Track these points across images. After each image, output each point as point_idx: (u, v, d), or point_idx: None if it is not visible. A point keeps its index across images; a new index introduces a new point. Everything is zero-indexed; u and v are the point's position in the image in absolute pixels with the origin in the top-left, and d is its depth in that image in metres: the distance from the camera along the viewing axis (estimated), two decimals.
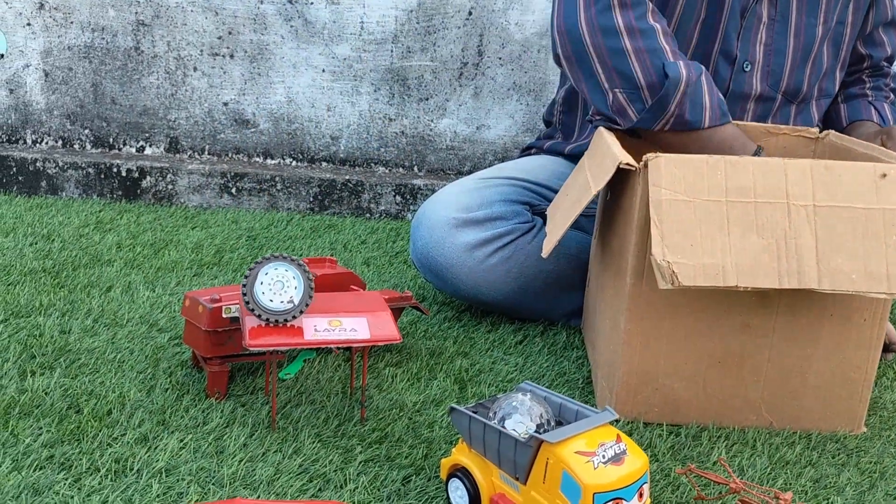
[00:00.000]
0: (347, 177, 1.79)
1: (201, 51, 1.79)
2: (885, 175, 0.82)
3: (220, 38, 1.78)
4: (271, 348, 0.81)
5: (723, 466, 0.78)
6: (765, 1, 1.14)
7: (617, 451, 0.68)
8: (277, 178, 1.78)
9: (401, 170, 1.86)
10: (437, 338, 1.16)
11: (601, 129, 1.05)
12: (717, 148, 1.03)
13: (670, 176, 0.82)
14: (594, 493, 0.65)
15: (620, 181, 0.94)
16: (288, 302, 0.84)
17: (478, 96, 1.82)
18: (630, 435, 0.91)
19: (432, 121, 1.83)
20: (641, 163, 0.84)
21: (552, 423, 0.74)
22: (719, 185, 0.82)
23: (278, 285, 0.84)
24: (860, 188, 0.82)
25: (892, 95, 1.32)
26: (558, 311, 1.23)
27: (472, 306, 1.26)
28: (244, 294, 0.83)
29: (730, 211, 0.81)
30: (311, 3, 1.76)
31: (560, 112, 1.35)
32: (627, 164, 0.85)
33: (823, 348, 0.89)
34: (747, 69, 1.16)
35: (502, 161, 1.80)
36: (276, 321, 0.84)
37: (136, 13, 1.78)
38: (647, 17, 1.05)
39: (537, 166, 1.31)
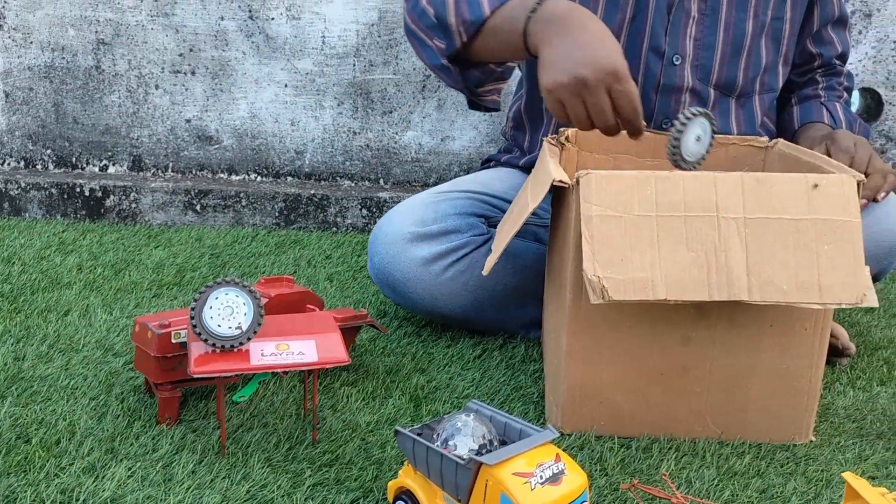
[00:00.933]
0: (313, 191, 1.79)
1: (162, 68, 1.79)
2: (816, 185, 0.83)
3: (181, 55, 1.78)
4: (215, 374, 0.81)
5: (665, 481, 0.79)
6: None
7: (555, 471, 0.68)
8: (242, 194, 1.78)
9: (366, 183, 1.87)
10: (396, 354, 1.16)
11: (544, 144, 1.06)
12: (514, 21, 1.01)
13: (601, 192, 0.83)
14: None
15: (559, 197, 0.94)
16: (236, 328, 0.84)
17: (441, 108, 1.82)
18: (581, 449, 0.92)
19: (397, 133, 1.84)
20: (573, 179, 0.85)
21: (496, 444, 0.75)
22: (649, 199, 0.83)
23: (227, 311, 0.84)
24: (792, 199, 0.83)
25: (845, 95, 1.34)
26: (518, 323, 1.24)
27: (432, 321, 1.27)
28: (192, 319, 0.83)
29: (660, 225, 0.82)
30: (272, 19, 1.76)
31: (511, 128, 1.37)
32: (560, 181, 0.86)
33: (766, 359, 0.90)
34: (677, 62, 1.19)
35: (468, 172, 1.81)
36: (224, 347, 0.84)
37: (97, 32, 1.77)
38: None
39: (494, 179, 1.32)
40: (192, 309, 0.83)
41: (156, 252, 1.56)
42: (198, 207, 1.78)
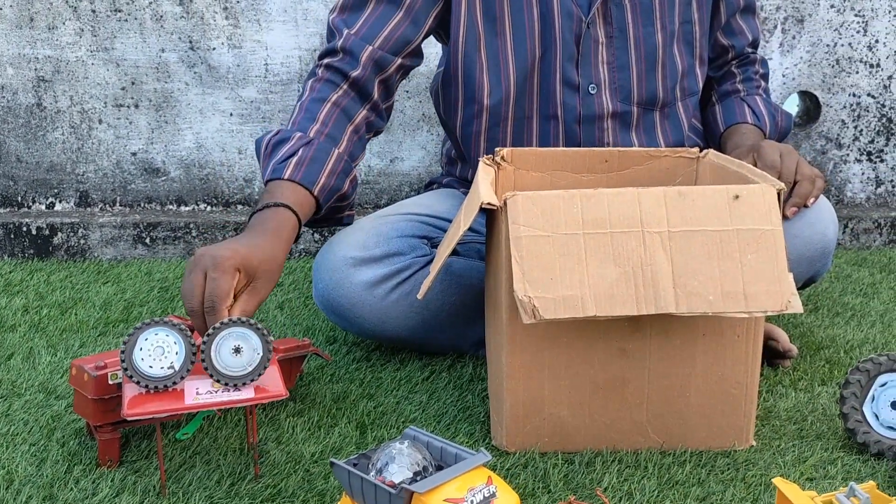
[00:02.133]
0: None
1: (105, 103, 1.78)
2: (737, 196, 0.85)
3: (123, 88, 1.77)
4: (149, 416, 0.81)
5: (599, 496, 0.80)
6: (599, 22, 1.18)
7: (486, 495, 0.69)
8: (192, 225, 1.77)
9: None
10: (344, 381, 1.16)
11: (480, 165, 1.07)
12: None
13: (528, 212, 0.84)
14: None
15: (492, 219, 0.95)
16: (168, 368, 0.84)
17: (388, 130, 1.83)
18: (525, 467, 0.93)
19: None
20: (502, 201, 0.86)
21: (431, 470, 0.75)
22: (576, 218, 0.84)
23: (158, 351, 0.84)
24: (714, 211, 0.85)
25: (762, 83, 1.35)
26: (467, 342, 1.24)
27: (381, 345, 1.27)
28: (122, 361, 0.83)
29: (587, 243, 0.83)
30: (214, 49, 1.76)
31: (445, 164, 1.40)
32: (489, 203, 0.87)
33: (700, 367, 0.92)
34: (593, 91, 1.21)
35: (419, 192, 1.81)
36: (157, 388, 0.83)
37: (36, 69, 1.76)
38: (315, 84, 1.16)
39: (436, 200, 1.33)
40: (122, 351, 0.82)
41: (104, 288, 1.55)
42: (147, 240, 1.76)
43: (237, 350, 0.85)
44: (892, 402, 0.97)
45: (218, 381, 0.84)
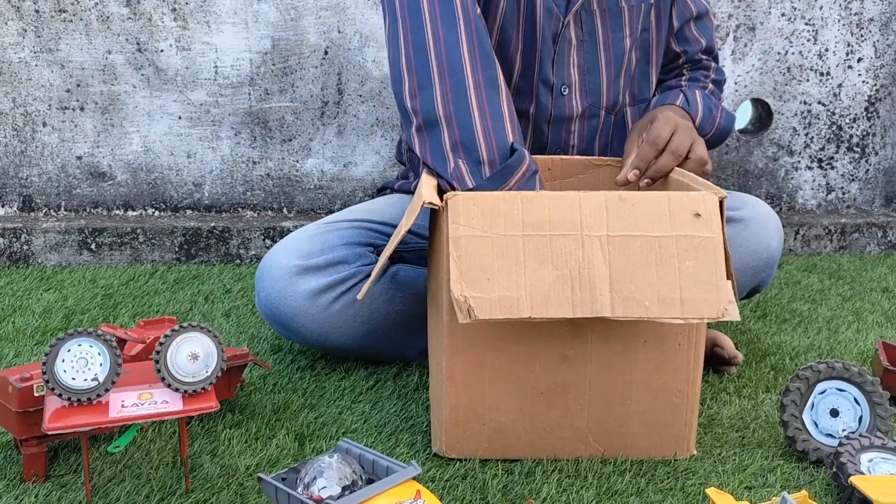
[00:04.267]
0: (213, 223, 1.76)
1: (49, 105, 1.73)
2: (698, 215, 0.84)
3: (68, 90, 1.73)
4: (71, 430, 0.78)
5: None
6: (572, 25, 1.17)
7: None
8: (139, 230, 1.73)
9: (269, 213, 1.84)
10: (286, 390, 1.14)
11: (424, 170, 1.05)
12: None
13: (468, 213, 0.83)
14: None
15: (434, 220, 0.94)
16: (92, 380, 0.81)
17: (342, 134, 1.81)
18: (464, 478, 0.91)
19: (298, 161, 1.82)
20: (443, 201, 0.85)
21: (361, 483, 0.73)
22: (516, 220, 0.83)
23: (81, 362, 0.81)
24: (654, 217, 0.84)
25: (711, 86, 1.33)
26: (413, 351, 1.23)
27: (326, 353, 1.25)
28: (44, 374, 0.80)
29: (526, 244, 0.83)
30: (162, 51, 1.73)
31: (409, 151, 1.36)
32: (430, 202, 0.85)
33: (641, 374, 0.91)
34: (565, 93, 1.20)
35: (373, 197, 1.79)
36: (80, 400, 0.80)
37: None
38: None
39: (386, 206, 1.31)
40: (44, 363, 0.79)
41: (45, 295, 1.51)
42: (93, 246, 1.72)
43: (194, 356, 0.83)
44: (831, 410, 0.97)
45: (170, 387, 0.82)
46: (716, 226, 0.86)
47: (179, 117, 1.76)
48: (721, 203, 0.88)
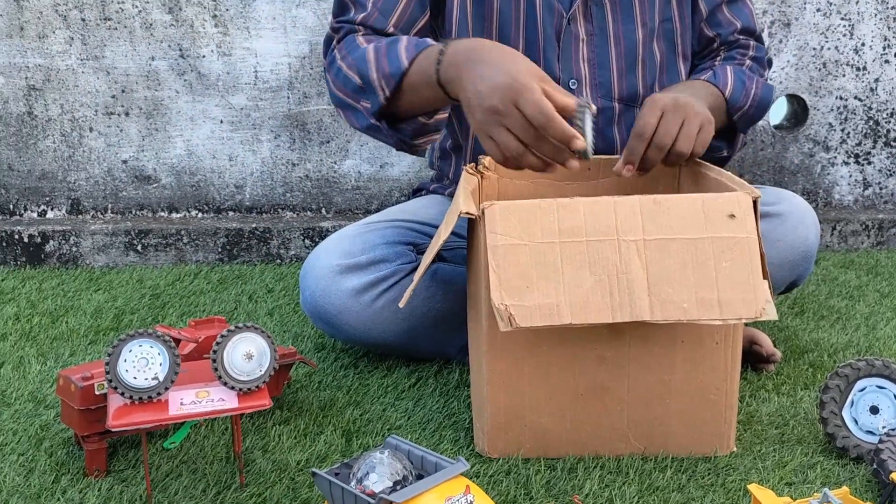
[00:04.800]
0: (255, 224, 1.80)
1: (96, 111, 1.79)
2: (733, 216, 0.85)
3: (113, 97, 1.78)
4: (133, 427, 0.82)
5: (576, 502, 0.81)
6: (580, 19, 1.19)
7: None
8: (183, 232, 1.78)
9: (308, 213, 1.88)
10: (331, 388, 1.17)
11: (463, 174, 1.08)
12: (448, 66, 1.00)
13: (505, 222, 0.85)
14: None
15: (472, 228, 0.96)
16: (153, 379, 0.85)
17: None
18: (508, 474, 0.94)
19: (335, 163, 1.85)
20: (479, 210, 0.87)
21: (411, 479, 0.76)
22: (552, 227, 0.85)
23: (142, 362, 0.85)
24: (689, 219, 0.86)
25: (749, 62, 1.29)
26: (453, 348, 1.25)
27: (368, 351, 1.28)
28: (107, 373, 0.84)
29: (563, 251, 0.85)
30: (203, 57, 1.77)
31: (437, 157, 1.39)
32: (467, 212, 0.88)
33: (679, 374, 0.93)
34: (574, 87, 1.21)
35: (409, 197, 1.82)
36: (141, 398, 0.84)
37: (27, 78, 1.77)
38: (356, 41, 1.12)
39: (422, 207, 1.33)
40: (107, 363, 0.83)
41: (95, 296, 1.56)
42: (139, 248, 1.77)
43: (249, 355, 0.86)
44: (871, 407, 0.98)
45: (226, 385, 0.85)
46: (750, 226, 0.88)
47: (221, 121, 1.80)
48: (755, 203, 0.89)
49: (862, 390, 0.98)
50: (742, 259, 0.86)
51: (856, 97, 1.87)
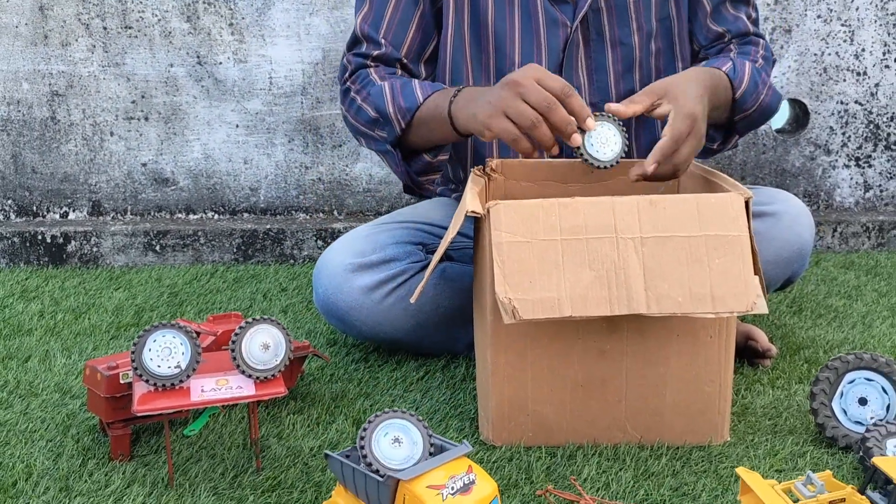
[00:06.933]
0: (269, 226, 1.86)
1: (116, 116, 1.85)
2: (727, 216, 0.89)
3: (133, 102, 1.84)
4: (157, 412, 0.87)
5: (574, 485, 0.85)
6: (578, 26, 1.23)
7: (466, 482, 0.75)
8: (200, 233, 1.84)
9: (321, 215, 1.93)
10: (342, 380, 1.22)
11: (471, 175, 1.13)
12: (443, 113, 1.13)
13: (509, 220, 0.90)
14: None
15: (478, 227, 1.01)
16: (175, 367, 0.90)
17: None
18: (510, 460, 0.98)
19: (347, 166, 1.90)
20: (485, 209, 0.92)
21: (427, 454, 0.80)
22: (553, 225, 0.90)
23: (166, 352, 0.90)
24: (683, 218, 0.90)
25: (761, 60, 1.28)
26: (460, 344, 1.30)
27: (378, 346, 1.33)
28: (133, 361, 0.89)
29: (564, 248, 0.89)
30: (220, 63, 1.83)
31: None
32: (473, 211, 0.93)
33: (675, 367, 0.97)
34: None
35: (418, 200, 1.87)
36: (165, 385, 0.89)
37: (50, 84, 1.83)
38: (370, 77, 1.23)
39: (431, 208, 1.38)
40: (132, 352, 0.88)
41: (116, 294, 1.62)
42: (157, 248, 1.83)
43: (265, 346, 0.92)
44: (860, 399, 1.02)
45: (244, 374, 0.91)
46: (743, 225, 0.92)
47: (237, 126, 1.86)
48: (747, 203, 0.94)
49: (851, 382, 1.02)
50: (734, 256, 0.90)
51: (856, 101, 1.91)
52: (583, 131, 1.03)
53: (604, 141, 1.05)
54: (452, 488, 0.74)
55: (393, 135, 1.19)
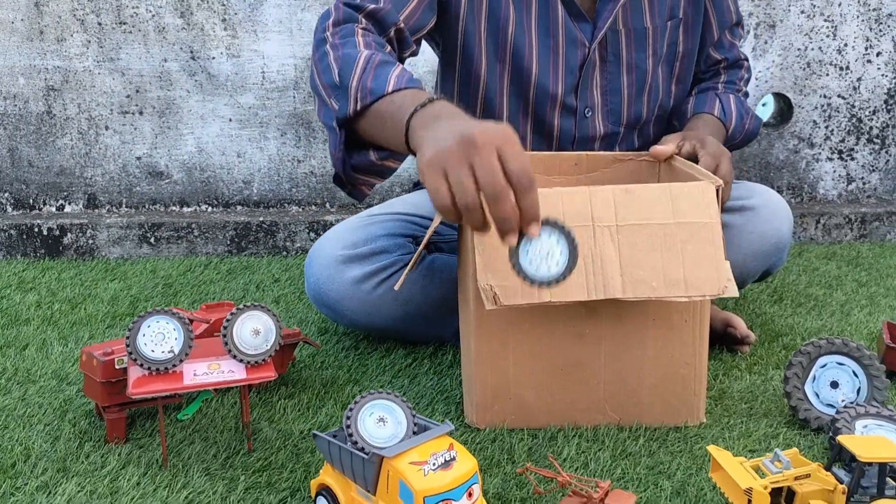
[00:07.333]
0: (262, 218, 1.89)
1: (111, 110, 1.88)
2: (698, 204, 0.93)
3: (128, 96, 1.87)
4: (151, 395, 0.90)
5: (552, 463, 0.89)
6: (596, 46, 1.25)
7: (447, 458, 0.78)
8: (194, 225, 1.87)
9: (313, 207, 1.96)
10: (332, 367, 1.25)
11: None
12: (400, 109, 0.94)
13: None
14: (424, 497, 0.75)
15: None
16: (168, 352, 0.93)
17: None
18: (494, 441, 1.02)
19: None
20: None
21: (411, 433, 0.83)
22: None
23: (159, 337, 0.93)
24: (657, 207, 0.94)
25: (744, 87, 1.38)
26: (448, 332, 1.33)
27: (367, 335, 1.36)
28: (128, 346, 0.92)
29: None
30: (213, 58, 1.86)
31: None
32: None
33: (651, 350, 1.01)
34: (588, 115, 1.27)
35: (410, 192, 1.90)
36: (158, 369, 0.93)
37: (46, 79, 1.86)
38: (354, 39, 1.06)
39: (422, 200, 1.41)
40: (127, 337, 0.92)
41: (111, 285, 1.65)
42: (152, 240, 1.86)
43: (256, 331, 0.95)
44: (832, 382, 1.06)
45: (235, 358, 0.94)
46: (715, 212, 0.96)
47: (230, 120, 1.89)
48: (717, 191, 0.97)
49: (823, 367, 1.06)
50: (706, 243, 0.94)
51: (839, 95, 1.95)
52: (522, 235, 0.81)
53: (543, 255, 0.86)
54: (434, 464, 0.77)
55: (344, 112, 1.01)
